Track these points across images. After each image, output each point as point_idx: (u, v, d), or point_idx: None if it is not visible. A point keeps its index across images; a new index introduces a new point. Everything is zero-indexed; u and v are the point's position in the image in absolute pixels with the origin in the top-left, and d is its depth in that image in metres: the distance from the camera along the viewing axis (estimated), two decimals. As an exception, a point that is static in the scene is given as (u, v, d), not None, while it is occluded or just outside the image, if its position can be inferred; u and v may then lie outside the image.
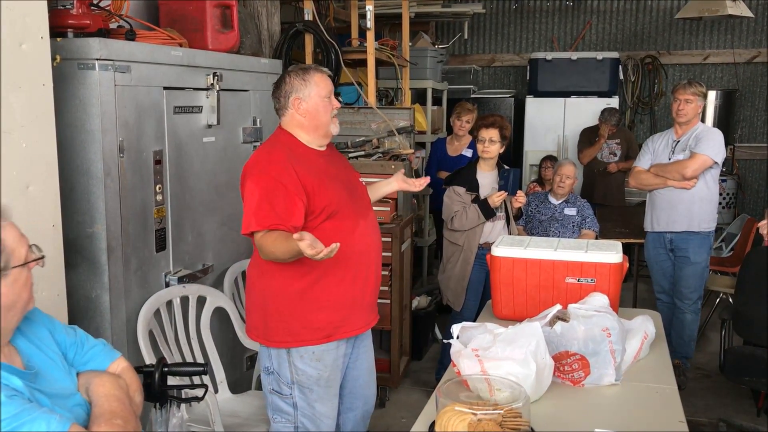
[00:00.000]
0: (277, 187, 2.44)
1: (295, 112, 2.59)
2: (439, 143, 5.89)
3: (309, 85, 2.57)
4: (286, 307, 2.55)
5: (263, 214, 2.42)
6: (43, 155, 2.32)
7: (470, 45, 8.59)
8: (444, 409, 1.91)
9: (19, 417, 1.46)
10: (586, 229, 4.59)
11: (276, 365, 2.62)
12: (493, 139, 4.01)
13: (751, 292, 3.80)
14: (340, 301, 2.59)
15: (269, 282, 2.58)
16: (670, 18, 7.94)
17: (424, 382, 4.52)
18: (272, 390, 2.65)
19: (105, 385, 1.76)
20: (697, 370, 4.71)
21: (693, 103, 4.27)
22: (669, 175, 4.30)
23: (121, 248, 2.75)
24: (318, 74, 2.60)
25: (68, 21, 2.70)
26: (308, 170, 2.52)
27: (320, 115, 2.59)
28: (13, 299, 1.57)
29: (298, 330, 2.56)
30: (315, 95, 2.57)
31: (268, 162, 2.51)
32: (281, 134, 2.64)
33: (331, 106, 2.62)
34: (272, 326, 2.59)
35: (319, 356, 2.59)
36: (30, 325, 1.73)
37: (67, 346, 1.80)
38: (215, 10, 3.37)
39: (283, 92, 2.60)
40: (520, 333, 2.22)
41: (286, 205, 2.44)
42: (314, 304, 2.55)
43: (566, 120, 7.45)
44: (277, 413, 2.67)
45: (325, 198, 2.52)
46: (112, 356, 1.88)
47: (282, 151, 2.54)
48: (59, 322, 1.84)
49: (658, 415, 2.21)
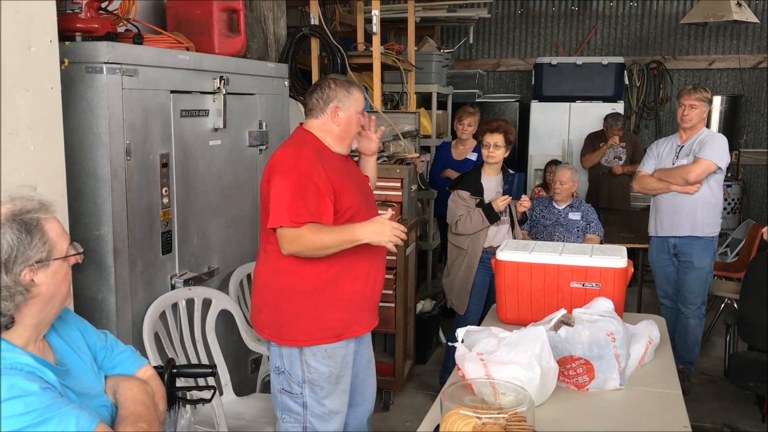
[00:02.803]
0: (308, 184, 2.49)
1: (330, 118, 2.66)
2: (444, 147, 5.90)
3: (351, 98, 2.68)
4: (301, 306, 2.59)
5: (297, 210, 2.46)
6: (50, 158, 2.33)
7: (475, 49, 8.60)
8: (448, 413, 1.91)
9: (50, 409, 1.51)
10: (590, 234, 4.59)
11: (287, 364, 2.65)
12: (498, 144, 4.02)
13: (755, 297, 3.80)
14: (352, 300, 2.64)
15: (284, 281, 2.60)
16: (676, 23, 7.94)
17: (428, 386, 4.52)
18: (282, 390, 2.68)
19: (132, 389, 1.82)
20: (702, 375, 4.70)
21: (698, 109, 4.27)
22: (672, 179, 4.30)
23: (128, 250, 2.76)
24: (358, 91, 2.72)
25: (76, 24, 2.72)
26: (333, 171, 2.58)
27: (351, 128, 2.70)
28: (53, 291, 1.64)
29: (312, 329, 2.59)
30: (352, 109, 2.67)
31: (297, 159, 2.55)
32: (307, 135, 2.68)
33: (361, 122, 2.75)
34: (286, 325, 2.61)
35: (332, 353, 2.63)
36: (63, 324, 1.79)
37: (97, 349, 1.86)
38: (222, 14, 3.39)
39: (324, 96, 2.66)
40: (525, 337, 2.22)
41: (318, 202, 2.49)
42: (328, 303, 2.60)
43: (571, 125, 7.45)
44: (285, 413, 2.69)
45: (348, 199, 2.59)
46: (140, 363, 1.94)
47: (310, 150, 2.59)
48: (91, 326, 1.90)
49: (663, 420, 2.21)
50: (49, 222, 1.64)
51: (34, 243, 1.59)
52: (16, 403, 1.48)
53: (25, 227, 1.59)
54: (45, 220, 1.63)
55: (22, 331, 1.61)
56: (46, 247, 1.61)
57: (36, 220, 1.61)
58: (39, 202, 1.65)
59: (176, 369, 2.09)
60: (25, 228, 1.58)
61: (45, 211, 1.65)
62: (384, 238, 2.43)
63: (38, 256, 1.59)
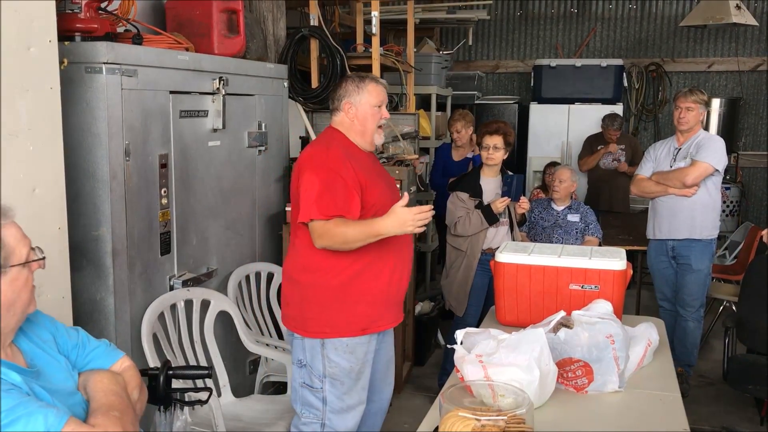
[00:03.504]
0: (336, 179, 2.56)
1: (345, 115, 2.73)
2: (444, 149, 5.89)
3: (362, 92, 2.72)
4: (327, 300, 2.64)
5: (325, 203, 2.53)
6: (49, 158, 2.32)
7: (475, 51, 8.60)
8: (447, 415, 1.91)
9: (15, 410, 1.47)
10: (589, 236, 4.59)
11: (309, 358, 2.69)
12: (497, 146, 4.02)
13: (754, 300, 3.80)
14: (377, 295, 2.69)
15: (310, 276, 2.67)
16: (675, 25, 7.94)
17: (427, 388, 4.51)
18: (303, 384, 2.73)
19: (103, 381, 1.78)
20: (701, 378, 4.70)
21: (694, 111, 4.27)
22: (670, 182, 4.29)
23: (126, 251, 2.76)
24: (372, 84, 2.75)
25: (76, 25, 2.72)
26: (361, 168, 2.65)
27: (367, 122, 2.74)
28: (12, 298, 1.58)
29: (337, 321, 2.64)
30: (365, 102, 2.72)
31: (326, 155, 2.62)
32: (334, 133, 2.75)
33: (380, 115, 2.75)
34: (311, 318, 2.67)
35: (353, 348, 2.67)
36: (32, 326, 1.75)
37: (70, 347, 1.82)
38: (221, 14, 3.39)
39: (337, 94, 2.75)
40: (524, 339, 2.22)
41: (346, 198, 2.56)
42: (353, 298, 2.65)
43: (570, 126, 7.44)
44: (306, 408, 2.74)
45: (375, 194, 2.64)
46: (116, 356, 1.90)
47: (339, 147, 2.66)
48: (62, 324, 1.86)
49: (662, 422, 2.21)
50: (6, 227, 1.58)
51: None
52: None
53: None
54: (2, 226, 1.57)
55: None
56: (3, 253, 1.55)
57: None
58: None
59: (172, 370, 2.09)
60: None
61: (3, 216, 1.59)
62: (407, 228, 2.46)
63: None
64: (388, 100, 2.84)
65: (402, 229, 2.47)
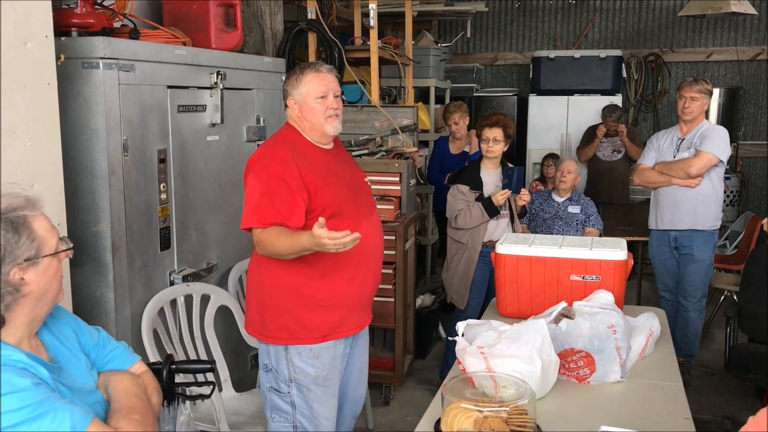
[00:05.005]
0: (279, 184, 2.44)
1: (291, 111, 2.61)
2: (442, 141, 5.88)
3: (300, 85, 2.57)
4: (282, 303, 2.55)
5: (263, 211, 2.44)
6: (47, 154, 2.32)
7: (473, 43, 8.58)
8: (450, 407, 1.91)
9: (44, 404, 1.50)
10: (589, 227, 4.59)
11: (274, 362, 2.61)
12: (497, 139, 4.01)
13: (755, 289, 3.80)
14: (336, 301, 2.57)
15: (266, 277, 2.57)
16: (674, 15, 7.92)
17: (428, 381, 4.52)
18: (271, 388, 2.64)
19: (124, 382, 1.81)
20: (702, 368, 4.70)
21: (699, 101, 4.25)
22: (674, 173, 4.28)
23: (126, 247, 2.75)
24: (312, 74, 2.57)
25: (72, 20, 2.70)
26: (311, 168, 2.52)
27: (311, 115, 2.57)
28: (44, 288, 1.62)
29: (294, 328, 2.55)
30: (305, 95, 2.56)
31: (271, 158, 2.52)
32: (288, 130, 2.65)
33: (325, 106, 2.56)
34: (269, 321, 2.58)
35: (317, 354, 2.58)
36: (56, 322, 1.78)
37: (90, 346, 1.85)
38: (219, 9, 3.37)
39: (283, 90, 2.65)
40: (526, 330, 2.22)
41: (288, 203, 2.44)
42: (310, 303, 2.54)
43: (569, 118, 7.43)
44: (275, 412, 2.66)
45: (327, 196, 2.51)
46: (133, 359, 1.93)
47: (286, 147, 2.55)
48: (83, 322, 1.88)
49: (664, 412, 2.21)
50: (36, 219, 1.61)
51: (22, 241, 1.57)
52: (11, 399, 1.47)
53: (12, 226, 1.56)
54: (32, 218, 1.60)
55: (14, 329, 1.59)
56: (35, 245, 1.59)
57: (23, 217, 1.58)
58: (25, 199, 1.62)
59: (175, 365, 2.08)
60: (11, 227, 1.56)
61: (32, 207, 1.62)
62: (329, 247, 2.26)
63: (27, 254, 1.57)
64: (339, 88, 2.63)
65: (323, 247, 2.28)
